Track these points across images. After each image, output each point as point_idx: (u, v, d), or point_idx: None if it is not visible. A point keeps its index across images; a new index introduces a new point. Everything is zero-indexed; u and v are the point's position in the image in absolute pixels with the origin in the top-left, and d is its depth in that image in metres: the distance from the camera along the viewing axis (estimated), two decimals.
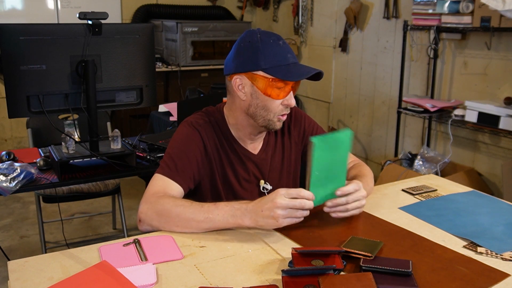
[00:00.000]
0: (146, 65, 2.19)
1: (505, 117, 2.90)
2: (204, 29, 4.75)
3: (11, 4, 4.60)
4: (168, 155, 1.49)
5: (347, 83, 4.55)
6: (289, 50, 1.45)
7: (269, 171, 1.60)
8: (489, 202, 1.63)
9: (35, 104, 1.99)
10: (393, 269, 1.12)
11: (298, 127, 1.65)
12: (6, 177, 1.90)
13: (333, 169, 1.33)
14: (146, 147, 2.39)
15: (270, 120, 1.47)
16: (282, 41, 1.46)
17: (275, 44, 1.43)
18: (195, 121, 1.53)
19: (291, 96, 1.45)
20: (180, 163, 1.46)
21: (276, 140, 1.62)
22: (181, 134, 1.51)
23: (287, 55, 1.43)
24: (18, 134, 4.73)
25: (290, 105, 1.46)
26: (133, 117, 4.66)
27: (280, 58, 1.41)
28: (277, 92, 1.43)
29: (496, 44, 3.16)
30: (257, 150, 1.58)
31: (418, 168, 3.43)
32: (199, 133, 1.51)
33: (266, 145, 1.60)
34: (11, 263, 1.18)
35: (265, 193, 1.57)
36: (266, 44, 1.42)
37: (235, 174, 1.55)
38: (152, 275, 1.12)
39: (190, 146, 1.49)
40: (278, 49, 1.42)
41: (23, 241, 3.22)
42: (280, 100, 1.44)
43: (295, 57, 1.46)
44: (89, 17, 1.99)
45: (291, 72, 1.41)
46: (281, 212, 1.24)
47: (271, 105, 1.45)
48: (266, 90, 1.42)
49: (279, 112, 1.46)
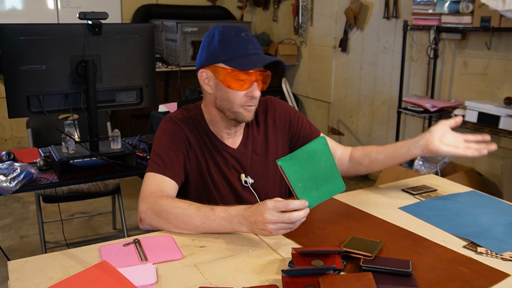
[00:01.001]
0: (146, 65, 2.19)
1: (505, 117, 2.90)
2: (204, 29, 4.75)
3: (11, 4, 4.60)
4: (154, 153, 1.50)
5: (347, 83, 4.55)
6: (251, 41, 1.46)
7: (250, 165, 1.59)
8: (489, 202, 1.62)
9: (35, 104, 1.99)
10: (393, 269, 1.12)
11: (284, 118, 1.65)
12: (6, 177, 1.90)
13: (319, 172, 1.31)
14: (146, 147, 2.39)
15: (236, 112, 1.48)
16: (245, 33, 1.47)
17: (236, 36, 1.45)
18: (175, 116, 1.56)
19: (255, 88, 1.45)
20: (167, 158, 1.48)
21: (258, 132, 1.62)
22: (163, 130, 1.54)
23: (248, 46, 1.44)
24: (18, 134, 4.73)
25: (253, 96, 1.46)
26: (133, 117, 4.66)
27: (239, 49, 1.43)
28: (240, 83, 1.43)
29: (496, 44, 3.16)
30: (236, 144, 1.59)
31: (418, 168, 3.43)
32: (180, 127, 1.53)
33: (245, 138, 1.61)
34: (11, 263, 1.18)
35: (249, 186, 1.58)
36: (226, 36, 1.44)
37: (217, 168, 1.56)
38: (152, 275, 1.12)
39: (174, 140, 1.51)
40: (239, 40, 1.44)
41: (23, 241, 3.22)
42: (244, 92, 1.45)
43: (258, 48, 1.46)
44: (89, 17, 1.99)
45: (249, 62, 1.41)
46: (272, 226, 1.23)
47: (234, 96, 1.45)
48: (226, 81, 1.44)
49: (243, 103, 1.46)
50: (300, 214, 1.23)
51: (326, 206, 1.56)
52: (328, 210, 1.52)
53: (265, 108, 1.65)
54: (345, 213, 1.49)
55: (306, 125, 1.69)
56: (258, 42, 1.48)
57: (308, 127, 1.69)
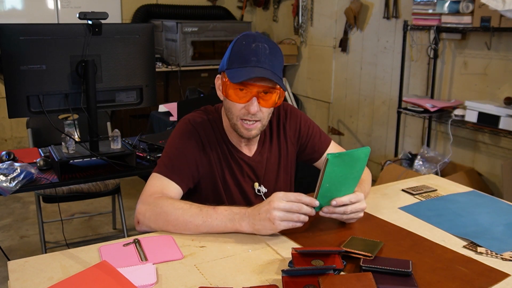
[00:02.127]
0: (146, 65, 2.19)
1: (505, 117, 2.90)
2: (204, 29, 4.75)
3: (11, 4, 4.60)
4: (166, 154, 1.47)
5: (347, 83, 4.55)
6: (257, 53, 1.37)
7: (265, 174, 1.58)
8: (489, 202, 1.62)
9: (35, 104, 1.99)
10: (393, 269, 1.12)
11: (294, 126, 1.62)
12: (6, 177, 1.90)
13: (344, 182, 1.32)
14: (146, 147, 2.39)
15: (235, 124, 1.45)
16: (257, 44, 1.39)
17: (245, 46, 1.39)
18: (193, 119, 1.52)
19: (252, 103, 1.39)
20: (177, 162, 1.45)
21: (271, 141, 1.60)
22: (179, 132, 1.50)
23: (251, 58, 1.37)
24: (18, 134, 4.73)
25: (249, 111, 1.40)
26: (133, 117, 4.66)
27: (242, 60, 1.38)
28: (238, 95, 1.39)
29: (496, 44, 3.16)
30: (252, 152, 1.57)
31: (418, 168, 3.43)
32: (197, 131, 1.49)
33: (261, 147, 1.58)
34: (11, 263, 1.18)
35: (261, 195, 1.56)
36: (237, 45, 1.41)
37: (232, 175, 1.54)
38: (152, 275, 1.12)
39: (188, 145, 1.47)
40: (245, 51, 1.38)
41: (23, 241, 3.22)
42: (242, 105, 1.41)
43: (261, 62, 1.37)
44: (89, 17, 1.99)
45: (240, 74, 1.36)
46: (277, 213, 1.23)
47: (232, 107, 1.43)
48: (226, 90, 1.42)
49: (240, 116, 1.42)
50: (308, 209, 1.25)
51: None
52: None
53: (278, 115, 1.61)
54: None
55: (316, 135, 1.64)
56: (269, 55, 1.39)
57: (318, 137, 1.64)
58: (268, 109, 1.44)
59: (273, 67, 1.39)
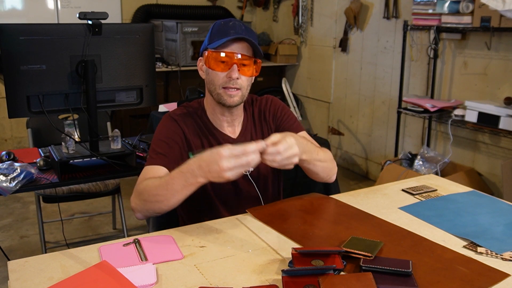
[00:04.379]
0: (146, 65, 2.19)
1: (505, 117, 2.90)
2: (204, 29, 4.75)
3: (11, 4, 4.60)
4: (151, 149, 1.56)
5: (347, 83, 4.55)
6: (235, 27, 1.52)
7: None
8: (489, 202, 1.62)
9: (35, 104, 1.99)
10: (393, 269, 1.12)
11: (273, 111, 1.70)
12: (6, 177, 1.90)
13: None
14: (146, 147, 2.39)
15: (218, 93, 1.54)
16: (234, 22, 1.54)
17: (224, 24, 1.54)
18: (173, 113, 1.62)
19: (233, 69, 1.50)
20: (161, 150, 1.53)
21: (254, 125, 1.68)
22: (160, 126, 1.60)
23: (230, 31, 1.51)
24: (18, 134, 4.73)
25: (231, 77, 1.50)
26: (133, 117, 4.66)
27: (221, 34, 1.51)
28: (220, 65, 1.51)
29: (496, 44, 3.16)
30: (236, 134, 1.64)
31: (418, 168, 3.43)
32: (176, 122, 1.58)
33: (244, 129, 1.65)
34: (11, 263, 1.18)
35: (247, 175, 1.60)
36: (216, 25, 1.55)
37: None
38: (152, 275, 1.13)
39: (169, 134, 1.56)
40: (224, 27, 1.53)
41: (23, 241, 3.22)
42: (224, 73, 1.51)
43: (239, 33, 1.50)
44: (89, 17, 1.99)
45: (220, 42, 1.49)
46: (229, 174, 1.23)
47: (215, 77, 1.53)
48: (208, 63, 1.53)
49: (223, 84, 1.52)
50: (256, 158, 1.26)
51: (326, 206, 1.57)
52: (328, 210, 1.52)
53: (260, 103, 1.70)
54: (345, 213, 1.49)
55: (291, 121, 1.70)
56: (246, 29, 1.53)
57: (292, 123, 1.70)
58: (248, 78, 1.54)
59: (250, 37, 1.52)
